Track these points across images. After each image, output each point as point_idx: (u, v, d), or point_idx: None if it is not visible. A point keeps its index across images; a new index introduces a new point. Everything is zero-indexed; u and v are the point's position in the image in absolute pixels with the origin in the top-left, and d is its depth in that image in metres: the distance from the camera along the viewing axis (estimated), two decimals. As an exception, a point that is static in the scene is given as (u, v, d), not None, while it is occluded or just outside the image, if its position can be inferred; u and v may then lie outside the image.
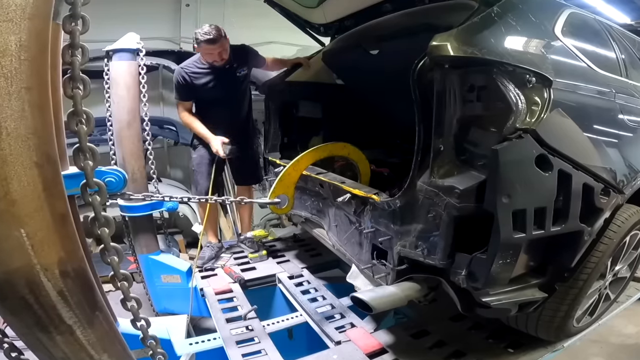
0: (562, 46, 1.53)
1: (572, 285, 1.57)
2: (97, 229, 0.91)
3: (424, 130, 1.40)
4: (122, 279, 0.98)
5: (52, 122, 0.79)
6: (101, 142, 3.22)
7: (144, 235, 2.68)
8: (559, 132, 1.31)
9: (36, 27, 0.71)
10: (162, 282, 2.66)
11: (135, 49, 2.50)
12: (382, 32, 2.32)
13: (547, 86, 1.30)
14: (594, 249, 1.55)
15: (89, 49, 0.84)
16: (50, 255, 0.79)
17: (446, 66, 1.27)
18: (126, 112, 2.49)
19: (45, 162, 0.76)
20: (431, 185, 1.37)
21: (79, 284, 0.86)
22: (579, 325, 1.83)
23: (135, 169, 2.57)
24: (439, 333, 1.95)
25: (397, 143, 3.10)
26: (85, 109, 0.84)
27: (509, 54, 1.27)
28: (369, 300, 1.43)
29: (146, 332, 1.09)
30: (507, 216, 1.22)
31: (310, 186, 2.31)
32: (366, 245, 1.82)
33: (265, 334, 2.05)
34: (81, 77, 0.82)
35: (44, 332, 0.82)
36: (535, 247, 1.40)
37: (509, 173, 1.21)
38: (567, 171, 1.29)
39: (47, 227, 0.78)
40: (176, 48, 4.86)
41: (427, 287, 1.56)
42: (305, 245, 3.15)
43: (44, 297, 0.79)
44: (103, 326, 0.93)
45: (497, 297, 1.38)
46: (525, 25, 1.44)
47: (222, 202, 2.26)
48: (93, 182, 0.87)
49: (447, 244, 1.35)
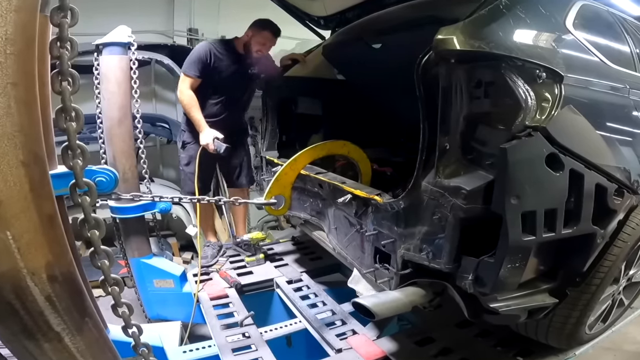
0: (574, 40, 1.53)
1: (584, 290, 1.57)
2: (87, 231, 0.91)
3: (428, 128, 1.39)
4: (113, 283, 0.98)
5: (39, 119, 0.79)
6: (91, 140, 3.23)
7: (135, 237, 2.68)
8: (571, 130, 1.31)
9: (22, 19, 0.71)
10: (154, 287, 2.66)
11: (127, 42, 2.50)
12: (385, 25, 2.32)
13: (558, 82, 1.30)
14: (607, 252, 1.55)
15: (78, 43, 0.83)
16: (37, 258, 0.79)
17: (452, 61, 1.27)
18: (117, 108, 2.49)
19: (32, 161, 0.76)
20: (436, 185, 1.37)
21: (68, 288, 0.85)
22: (591, 332, 1.83)
23: (127, 168, 2.57)
24: (445, 340, 1.95)
25: (401, 141, 3.10)
26: (74, 106, 0.84)
27: (518, 48, 1.27)
28: (371, 306, 1.43)
29: (138, 339, 1.09)
30: (516, 218, 1.22)
31: (309, 186, 2.31)
32: (368, 248, 1.82)
33: (263, 341, 2.05)
34: (70, 72, 0.82)
35: (30, 339, 0.82)
36: (545, 251, 1.40)
37: (518, 173, 1.21)
38: (579, 171, 1.29)
39: (34, 229, 0.78)
40: (169, 42, 4.85)
41: (432, 293, 1.55)
42: (305, 248, 3.16)
43: (31, 303, 0.79)
44: (93, 333, 0.93)
45: (505, 303, 1.38)
46: (535, 18, 1.43)
47: (216, 203, 2.27)
48: (83, 182, 0.87)
49: (453, 247, 1.35)
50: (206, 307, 2.37)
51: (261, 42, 2.57)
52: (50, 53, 0.82)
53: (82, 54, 2.87)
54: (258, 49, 2.59)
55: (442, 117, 1.33)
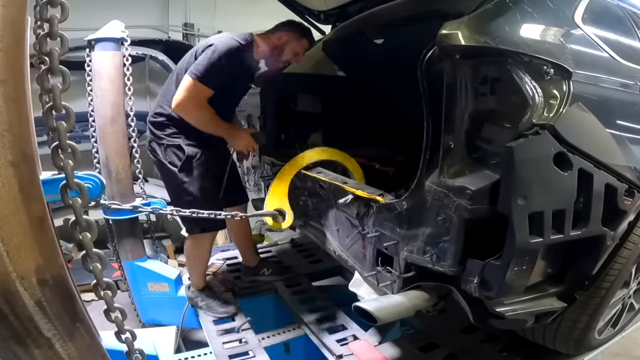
0: (583, 35, 1.53)
1: (594, 294, 1.57)
2: (79, 233, 0.91)
3: (432, 126, 1.39)
4: (105, 287, 0.98)
5: (28, 118, 0.79)
6: (83, 139, 3.23)
7: (129, 240, 2.69)
8: (579, 128, 1.31)
9: (11, 14, 0.71)
10: (148, 290, 2.67)
11: (120, 38, 2.50)
12: (388, 20, 2.32)
13: (566, 78, 1.30)
14: (617, 254, 1.55)
15: (68, 38, 0.83)
16: (27, 262, 0.78)
17: (457, 56, 1.27)
18: (110, 106, 2.50)
19: (21, 161, 0.76)
20: (440, 185, 1.37)
21: (59, 293, 0.85)
22: (600, 337, 1.83)
23: (120, 168, 2.57)
24: (449, 346, 1.95)
25: (404, 140, 3.10)
26: (64, 104, 0.84)
27: (525, 44, 1.27)
28: (373, 310, 1.43)
29: (131, 345, 1.08)
30: (523, 219, 1.22)
31: (309, 187, 2.31)
32: (370, 250, 1.82)
33: (261, 347, 2.05)
34: (60, 69, 0.82)
35: (20, 345, 0.82)
36: (553, 253, 1.40)
37: (525, 172, 1.20)
38: (588, 170, 1.28)
39: (24, 232, 0.78)
40: (164, 37, 4.86)
41: (436, 296, 1.55)
42: (304, 250, 3.16)
43: (21, 308, 0.79)
44: (84, 339, 0.93)
45: (512, 307, 1.38)
46: (542, 12, 1.43)
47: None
48: (74, 183, 0.87)
49: (458, 249, 1.35)
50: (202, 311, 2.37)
51: (296, 51, 2.19)
52: (40, 49, 0.82)
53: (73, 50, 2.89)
54: (290, 58, 2.21)
55: (446, 115, 1.33)
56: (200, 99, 1.95)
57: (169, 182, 2.15)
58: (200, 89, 1.93)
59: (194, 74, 1.92)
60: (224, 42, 2.00)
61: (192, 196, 2.05)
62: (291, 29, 2.19)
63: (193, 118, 1.98)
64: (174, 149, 2.07)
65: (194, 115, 1.98)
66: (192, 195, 2.06)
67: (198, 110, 1.97)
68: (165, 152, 2.09)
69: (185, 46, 4.80)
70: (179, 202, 2.06)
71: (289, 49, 2.17)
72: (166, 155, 2.09)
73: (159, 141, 2.10)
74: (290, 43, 2.17)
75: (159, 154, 2.11)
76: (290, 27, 2.21)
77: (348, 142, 2.62)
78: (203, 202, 2.02)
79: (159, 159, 2.12)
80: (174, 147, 2.07)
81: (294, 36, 2.17)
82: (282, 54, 2.18)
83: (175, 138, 2.08)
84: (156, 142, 2.11)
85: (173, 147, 2.07)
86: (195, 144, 2.07)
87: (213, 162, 2.13)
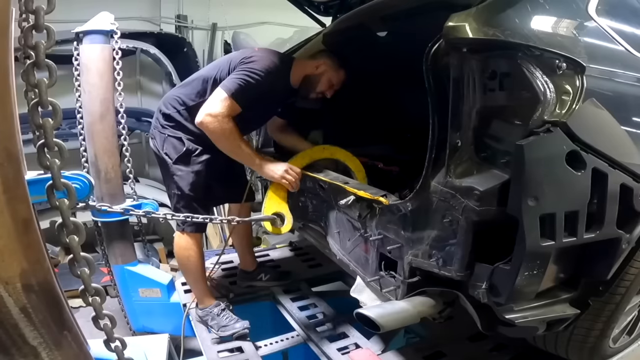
0: (597, 27, 1.53)
1: (608, 300, 1.56)
2: (66, 236, 0.91)
3: (438, 123, 1.39)
4: (94, 293, 0.98)
5: (13, 115, 0.79)
6: (70, 137, 3.23)
7: (118, 243, 2.69)
8: (593, 126, 1.31)
9: (-5, 5, 0.71)
10: (139, 296, 2.67)
11: (109, 30, 2.50)
12: (391, 11, 2.32)
13: (579, 73, 1.30)
14: (633, 258, 1.55)
15: (55, 31, 0.84)
16: (11, 266, 0.78)
17: (464, 50, 1.26)
18: (99, 102, 2.50)
19: (5, 160, 0.76)
20: (447, 186, 1.37)
21: (45, 299, 0.85)
22: (615, 345, 1.83)
23: (109, 167, 2.57)
24: (456, 355, 1.95)
25: (408, 138, 3.09)
26: (51, 100, 0.84)
27: (536, 37, 1.27)
28: (376, 317, 1.43)
29: (121, 354, 1.08)
30: (534, 221, 1.22)
31: (309, 187, 2.31)
32: (373, 254, 1.82)
33: (258, 356, 2.06)
34: (46, 63, 0.82)
35: (4, 354, 0.82)
36: (565, 257, 1.40)
37: (536, 172, 1.20)
38: (602, 170, 1.28)
39: (8, 235, 0.78)
40: (156, 29, 4.86)
41: (442, 303, 1.55)
42: (304, 254, 3.16)
43: (5, 315, 0.79)
44: (72, 348, 0.93)
45: (522, 314, 1.38)
46: (554, 4, 1.43)
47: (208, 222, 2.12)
48: (61, 183, 0.87)
49: (466, 253, 1.35)
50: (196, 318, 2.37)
51: (332, 82, 2.17)
52: (25, 42, 0.82)
53: (60, 43, 2.89)
54: (325, 89, 2.18)
55: (453, 112, 1.33)
56: (226, 111, 1.92)
57: (163, 173, 2.22)
58: (231, 105, 1.92)
59: (227, 89, 1.92)
60: (264, 59, 2.01)
61: (180, 190, 2.09)
62: (330, 59, 2.18)
63: (217, 128, 1.93)
64: (174, 140, 2.10)
65: (216, 125, 1.92)
66: (180, 189, 2.08)
67: (221, 123, 1.92)
68: (164, 143, 2.12)
69: (178, 39, 4.81)
70: (169, 193, 2.17)
71: (325, 79, 2.16)
72: (164, 147, 2.12)
73: (162, 130, 2.13)
74: (327, 73, 2.16)
75: (157, 143, 2.15)
76: (330, 56, 2.21)
77: (349, 139, 2.62)
78: (189, 200, 2.09)
79: (157, 148, 2.15)
80: (174, 138, 2.10)
81: (333, 66, 2.16)
82: (318, 84, 2.17)
83: (179, 131, 2.11)
84: (159, 131, 2.15)
85: (174, 139, 2.10)
86: (198, 141, 2.08)
87: (212, 163, 2.12)
